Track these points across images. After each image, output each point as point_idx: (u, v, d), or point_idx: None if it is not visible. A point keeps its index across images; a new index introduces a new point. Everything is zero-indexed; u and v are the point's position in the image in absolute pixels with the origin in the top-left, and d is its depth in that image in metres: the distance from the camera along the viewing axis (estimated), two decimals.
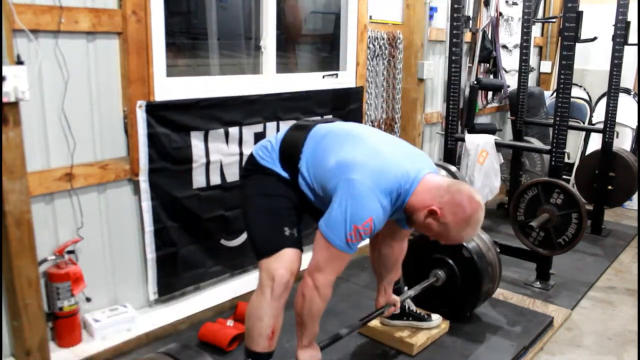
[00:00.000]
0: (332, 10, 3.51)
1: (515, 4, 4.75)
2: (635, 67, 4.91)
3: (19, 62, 1.84)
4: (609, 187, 4.09)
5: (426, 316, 2.50)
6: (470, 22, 4.13)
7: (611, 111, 3.94)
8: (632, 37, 3.92)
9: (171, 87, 2.47)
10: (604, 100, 4.20)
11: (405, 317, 2.47)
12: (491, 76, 4.58)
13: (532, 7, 4.15)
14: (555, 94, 3.17)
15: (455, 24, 3.32)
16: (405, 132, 3.85)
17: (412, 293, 2.43)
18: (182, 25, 2.98)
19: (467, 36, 4.26)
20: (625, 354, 2.57)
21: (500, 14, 4.57)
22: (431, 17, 3.75)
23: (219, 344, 2.33)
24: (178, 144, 2.49)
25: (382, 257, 2.20)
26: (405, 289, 2.50)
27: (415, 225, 1.81)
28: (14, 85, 1.79)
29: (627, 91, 4.92)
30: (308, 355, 1.88)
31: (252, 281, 2.82)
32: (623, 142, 4.77)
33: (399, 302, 2.29)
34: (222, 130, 2.66)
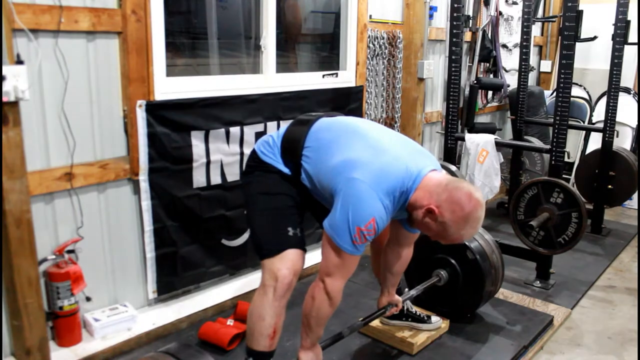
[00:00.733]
0: (332, 9, 3.51)
1: (515, 3, 4.74)
2: (635, 66, 4.91)
3: (19, 62, 1.84)
4: (609, 187, 4.09)
5: (426, 317, 2.49)
6: (470, 21, 4.15)
7: (611, 110, 3.94)
8: (632, 37, 3.92)
9: (171, 87, 2.47)
10: (604, 100, 4.21)
11: (404, 318, 2.47)
12: (491, 75, 4.59)
13: (532, 6, 4.15)
14: (555, 93, 3.17)
15: (455, 23, 3.32)
16: (405, 132, 3.84)
17: (414, 293, 2.42)
18: (182, 24, 2.98)
19: (467, 35, 4.27)
20: (625, 353, 2.57)
21: (500, 13, 4.58)
22: (431, 16, 3.75)
23: (219, 343, 2.33)
24: (178, 144, 2.49)
25: (388, 263, 2.18)
26: (405, 290, 2.50)
27: (415, 225, 1.80)
28: (14, 85, 1.79)
29: (627, 90, 4.92)
30: (309, 357, 1.88)
31: (252, 281, 2.84)
32: (623, 142, 4.77)
33: (401, 302, 2.29)
34: (222, 130, 2.66)
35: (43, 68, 2.05)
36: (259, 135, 2.82)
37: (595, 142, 4.67)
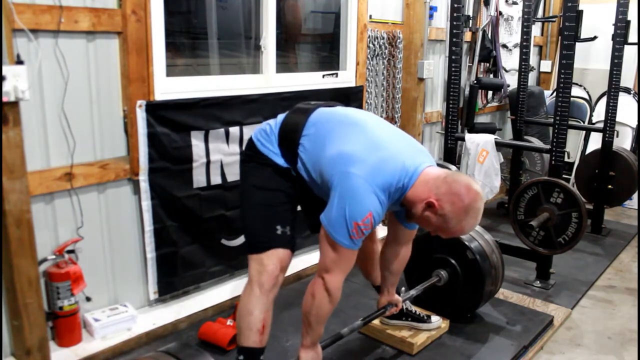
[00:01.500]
0: (332, 9, 3.51)
1: (515, 3, 4.75)
2: (635, 66, 4.91)
3: (19, 62, 1.84)
4: (609, 187, 4.09)
5: (426, 317, 2.49)
6: (470, 21, 4.14)
7: (611, 110, 3.94)
8: (632, 37, 3.92)
9: (171, 87, 2.47)
10: (604, 100, 4.21)
11: (404, 318, 2.47)
12: (491, 75, 4.59)
13: (532, 6, 4.15)
14: (555, 93, 3.17)
15: (455, 23, 3.32)
16: (405, 131, 3.81)
17: (414, 293, 2.42)
18: (182, 24, 2.98)
19: (467, 35, 4.26)
20: (625, 353, 2.57)
21: (500, 13, 4.58)
22: (431, 16, 3.75)
23: (218, 343, 2.33)
24: (178, 144, 2.49)
25: (386, 262, 2.19)
26: (402, 289, 2.50)
27: (415, 220, 1.80)
28: (14, 85, 1.79)
29: (627, 90, 4.92)
30: (310, 357, 1.87)
31: None
32: (623, 142, 4.77)
33: (401, 302, 2.29)
34: (222, 130, 2.66)
35: (43, 68, 2.05)
36: None
37: (595, 142, 4.67)
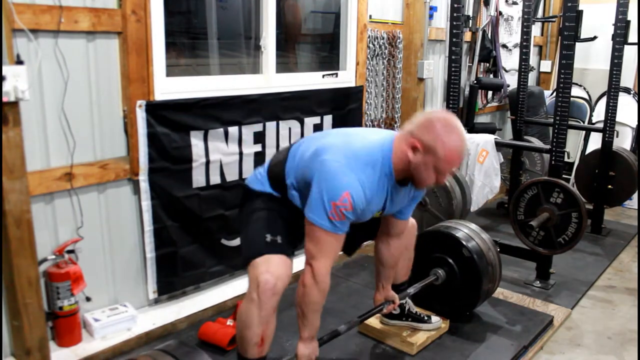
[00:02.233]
0: (331, 9, 3.51)
1: (515, 3, 4.75)
2: (635, 66, 4.91)
3: (19, 62, 1.84)
4: (609, 187, 4.09)
5: (426, 317, 2.49)
6: (470, 21, 4.14)
7: (611, 110, 3.94)
8: (632, 37, 3.92)
9: (171, 87, 2.47)
10: (604, 100, 4.21)
11: (404, 318, 2.47)
12: (491, 75, 4.59)
13: (532, 6, 4.16)
14: (555, 93, 3.17)
15: (455, 23, 3.32)
16: None
17: (411, 291, 2.42)
18: (182, 25, 2.98)
19: (467, 35, 4.26)
20: (625, 353, 2.57)
21: (500, 13, 4.58)
22: (431, 16, 3.75)
23: (218, 343, 2.33)
24: (178, 144, 2.49)
25: (379, 254, 2.22)
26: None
27: (416, 175, 1.78)
28: (14, 85, 1.79)
29: (627, 90, 4.92)
30: (309, 350, 1.88)
31: None
32: (623, 142, 4.77)
33: (397, 299, 2.29)
34: (221, 130, 2.66)
35: (43, 68, 2.05)
36: (258, 135, 2.82)
37: (595, 142, 4.67)
